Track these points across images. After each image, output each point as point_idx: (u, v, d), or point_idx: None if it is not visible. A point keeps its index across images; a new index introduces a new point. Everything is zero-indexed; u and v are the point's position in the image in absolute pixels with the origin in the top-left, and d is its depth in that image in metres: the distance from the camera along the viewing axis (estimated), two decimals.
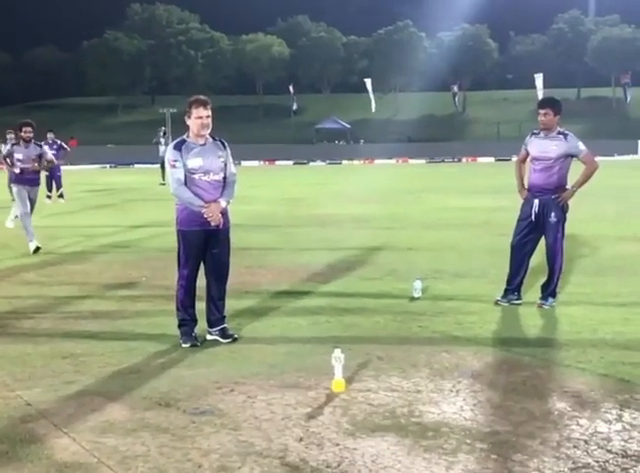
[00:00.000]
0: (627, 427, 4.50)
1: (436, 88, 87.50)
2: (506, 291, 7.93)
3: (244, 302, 7.98)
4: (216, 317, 6.61)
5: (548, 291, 7.82)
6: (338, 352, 5.22)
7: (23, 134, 12.41)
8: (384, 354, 6.08)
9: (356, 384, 5.34)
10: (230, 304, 6.95)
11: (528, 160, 8.00)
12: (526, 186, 7.92)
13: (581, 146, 7.71)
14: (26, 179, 12.37)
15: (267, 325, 7.12)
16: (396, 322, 7.18)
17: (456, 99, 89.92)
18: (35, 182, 12.64)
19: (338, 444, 4.30)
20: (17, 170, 12.29)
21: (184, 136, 6.52)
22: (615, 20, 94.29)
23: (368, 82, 78.51)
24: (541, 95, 60.16)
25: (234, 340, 6.54)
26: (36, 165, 12.47)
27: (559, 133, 7.70)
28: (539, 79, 70.50)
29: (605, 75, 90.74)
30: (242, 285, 8.63)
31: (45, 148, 13.05)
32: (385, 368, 5.73)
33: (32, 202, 12.51)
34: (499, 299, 7.90)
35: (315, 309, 7.72)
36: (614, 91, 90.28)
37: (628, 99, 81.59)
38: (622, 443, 4.25)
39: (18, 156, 12.39)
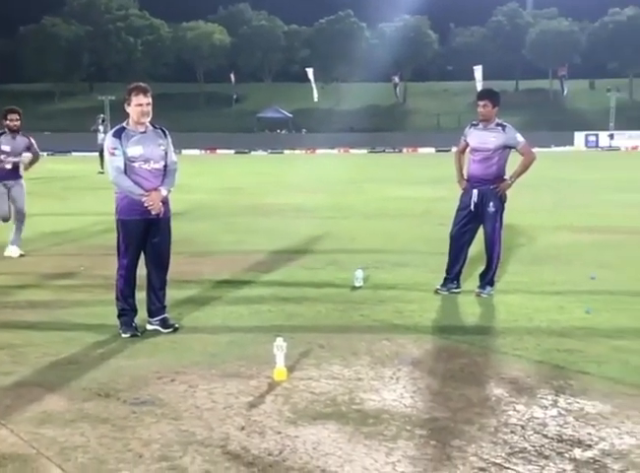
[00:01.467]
0: (562, 412, 4.61)
1: (378, 78, 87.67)
2: (446, 280, 8.03)
3: (185, 291, 7.94)
4: (156, 307, 6.56)
5: (486, 279, 7.95)
6: (280, 340, 5.23)
7: (9, 122, 10.56)
8: (325, 342, 6.12)
9: (298, 373, 5.36)
10: (171, 294, 6.90)
11: (467, 150, 8.10)
12: (465, 177, 8.03)
13: (519, 137, 7.83)
14: (5, 174, 10.60)
15: (208, 315, 7.10)
16: (337, 311, 7.22)
17: (397, 89, 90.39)
18: (16, 175, 10.77)
19: (279, 433, 4.31)
20: (8, 166, 10.51)
21: (124, 124, 6.43)
22: (553, 13, 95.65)
23: (310, 71, 78.40)
24: (480, 86, 60.84)
25: (175, 330, 6.50)
26: (25, 160, 10.85)
27: (498, 125, 7.81)
28: (478, 71, 71.25)
29: (542, 67, 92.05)
30: (183, 274, 8.57)
31: (32, 140, 11.06)
32: (326, 356, 5.76)
33: (17, 201, 10.77)
34: (439, 287, 8.01)
35: (257, 299, 7.72)
36: (552, 83, 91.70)
37: (565, 91, 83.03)
38: (558, 428, 4.36)
39: (5, 148, 10.52)
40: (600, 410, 4.63)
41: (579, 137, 63.30)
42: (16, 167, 10.78)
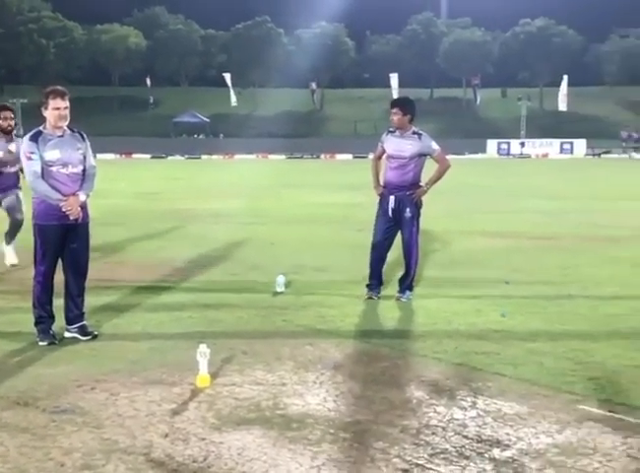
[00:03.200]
0: (481, 413, 4.72)
1: (295, 84, 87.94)
2: (371, 285, 8.11)
3: (104, 298, 7.82)
4: (74, 314, 6.45)
5: (406, 284, 8.07)
6: (203, 347, 5.21)
7: (1, 122, 8.75)
8: (248, 348, 6.12)
9: (221, 379, 5.35)
10: (90, 301, 6.79)
11: (384, 157, 8.23)
12: (382, 183, 8.15)
13: (434, 145, 8.00)
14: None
15: (128, 322, 7.01)
16: (259, 317, 7.23)
17: (314, 96, 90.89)
18: (12, 185, 8.94)
19: (204, 439, 4.30)
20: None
21: (40, 127, 6.32)
22: (466, 22, 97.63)
23: (227, 76, 78.16)
24: (396, 94, 61.80)
25: (94, 337, 6.40)
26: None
27: (414, 133, 7.96)
28: (394, 78, 72.34)
29: (456, 76, 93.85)
30: (102, 281, 8.45)
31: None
32: (250, 362, 5.76)
33: (13, 214, 9.05)
34: (369, 292, 8.04)
35: (177, 305, 7.66)
36: (465, 92, 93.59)
37: (478, 100, 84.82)
38: (477, 429, 4.46)
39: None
40: (517, 411, 4.76)
41: (492, 145, 64.79)
42: (14, 176, 8.97)
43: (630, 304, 7.89)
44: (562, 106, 73.33)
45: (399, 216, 7.96)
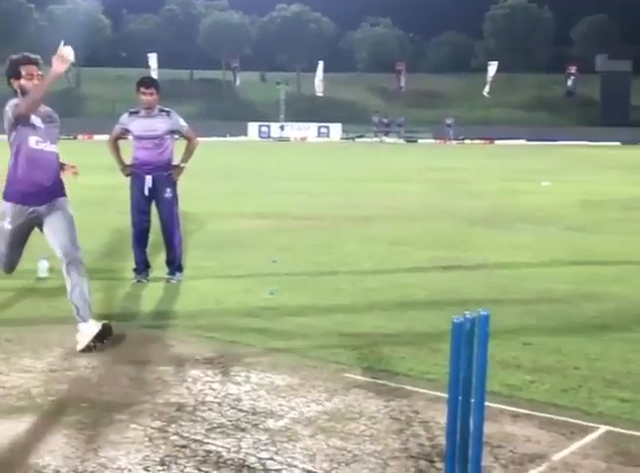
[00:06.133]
0: (255, 387, 4.88)
1: (49, 62, 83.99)
2: (135, 269, 8.04)
3: None
4: None
5: (174, 266, 8.08)
6: None
7: (25, 82, 5.95)
8: (13, 336, 5.90)
9: None
10: None
11: (130, 138, 8.18)
12: (127, 163, 8.11)
13: (182, 122, 8.09)
14: (33, 186, 5.73)
15: None
16: (23, 303, 6.98)
17: (69, 74, 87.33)
18: (58, 189, 5.89)
19: None
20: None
21: None
22: (224, 5, 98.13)
23: None
24: (155, 74, 60.94)
25: None
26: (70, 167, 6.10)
27: (162, 111, 8.00)
28: (152, 58, 71.37)
29: (215, 58, 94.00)
30: None
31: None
32: (16, 349, 5.56)
33: (57, 236, 5.96)
34: (137, 277, 7.97)
35: None
36: (225, 74, 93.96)
37: (237, 82, 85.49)
38: (252, 402, 4.61)
39: (35, 122, 5.90)
40: (288, 382, 4.97)
41: (253, 127, 65.74)
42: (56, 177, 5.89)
43: (387, 278, 8.43)
44: (319, 91, 75.80)
45: (157, 196, 7.94)
